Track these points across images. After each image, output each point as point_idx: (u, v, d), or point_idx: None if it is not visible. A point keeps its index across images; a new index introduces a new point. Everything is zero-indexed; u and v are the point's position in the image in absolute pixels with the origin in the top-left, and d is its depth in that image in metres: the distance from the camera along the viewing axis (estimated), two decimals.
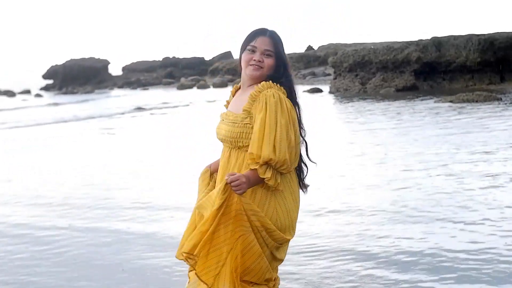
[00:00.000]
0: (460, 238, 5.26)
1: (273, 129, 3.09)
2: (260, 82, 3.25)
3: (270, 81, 3.22)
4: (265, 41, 3.23)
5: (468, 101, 18.18)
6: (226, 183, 3.00)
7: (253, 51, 3.23)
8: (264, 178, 3.09)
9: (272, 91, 3.16)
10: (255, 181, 3.10)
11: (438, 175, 7.91)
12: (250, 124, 3.17)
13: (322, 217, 6.26)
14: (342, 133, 13.08)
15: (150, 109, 26.33)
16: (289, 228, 3.25)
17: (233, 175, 3.01)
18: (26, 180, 9.88)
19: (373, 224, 5.88)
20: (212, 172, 3.58)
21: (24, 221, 7.12)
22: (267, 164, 3.09)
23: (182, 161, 10.71)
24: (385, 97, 22.48)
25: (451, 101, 18.41)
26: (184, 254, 3.00)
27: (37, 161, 12.10)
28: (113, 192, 8.39)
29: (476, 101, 18.00)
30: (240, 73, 3.42)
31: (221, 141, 3.34)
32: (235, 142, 3.21)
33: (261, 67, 3.22)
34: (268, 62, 3.22)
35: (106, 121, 21.51)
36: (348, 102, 21.32)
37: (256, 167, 3.08)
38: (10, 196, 8.65)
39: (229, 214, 3.05)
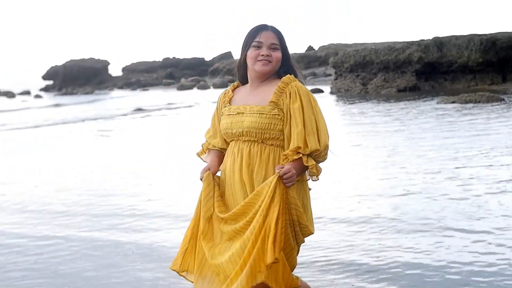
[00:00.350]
0: (469, 249, 5.03)
1: (312, 119, 3.13)
2: (269, 77, 3.25)
3: (292, 75, 3.24)
4: (270, 35, 3.21)
5: (470, 101, 18.01)
6: (279, 177, 3.02)
7: (259, 47, 3.20)
8: (308, 166, 3.13)
9: (299, 83, 3.21)
10: (299, 172, 3.14)
11: (444, 180, 7.70)
12: (278, 115, 3.15)
13: (321, 225, 6.05)
14: (344, 135, 12.86)
15: (155, 110, 26.18)
16: (311, 221, 3.30)
17: (282, 167, 3.04)
18: (21, 183, 9.67)
19: (375, 234, 5.65)
20: (213, 174, 3.43)
21: (11, 229, 6.89)
22: (309, 154, 3.14)
23: (182, 162, 10.51)
24: (387, 98, 22.31)
25: (453, 102, 18.23)
26: (269, 261, 2.98)
27: (34, 163, 11.90)
28: (109, 198, 8.17)
29: (479, 102, 17.84)
30: (241, 73, 3.35)
31: (237, 136, 3.23)
32: (261, 134, 3.15)
33: (270, 61, 3.19)
34: (276, 55, 3.20)
35: (108, 123, 21.33)
36: (350, 103, 21.13)
37: (299, 156, 3.10)
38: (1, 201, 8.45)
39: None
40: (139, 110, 26.70)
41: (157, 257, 5.45)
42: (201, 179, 3.33)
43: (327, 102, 21.76)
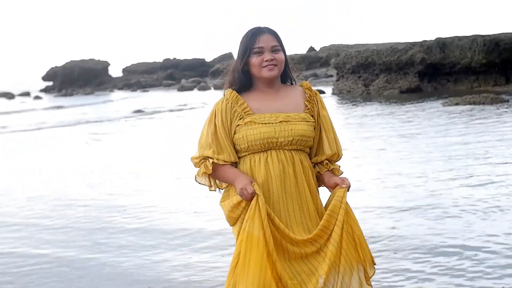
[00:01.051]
0: (480, 272, 4.62)
1: (333, 126, 3.21)
2: (277, 81, 3.17)
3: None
4: (268, 38, 3.12)
5: (474, 103, 17.77)
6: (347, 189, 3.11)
7: (261, 52, 3.09)
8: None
9: None
10: None
11: (452, 189, 7.33)
12: (314, 122, 3.16)
13: None
14: (347, 140, 12.55)
15: (156, 112, 25.91)
16: None
17: (344, 180, 3.14)
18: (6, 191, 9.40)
19: (376, 253, 5.38)
20: None
21: None
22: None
23: (181, 169, 10.25)
24: (390, 99, 22.06)
25: (457, 103, 17.98)
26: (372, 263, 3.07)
27: (26, 167, 11.64)
28: (100, 209, 7.81)
29: (483, 103, 17.60)
30: (243, 81, 3.16)
31: (282, 145, 3.05)
32: (307, 142, 3.11)
33: (275, 65, 3.10)
34: (280, 57, 3.12)
35: (109, 126, 21.09)
36: (353, 105, 20.86)
37: (337, 166, 3.22)
38: None
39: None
40: (139, 111, 26.50)
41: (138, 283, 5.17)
42: (250, 194, 2.95)
43: (329, 104, 21.48)
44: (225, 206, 3.10)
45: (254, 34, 3.12)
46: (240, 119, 3.08)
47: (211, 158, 3.11)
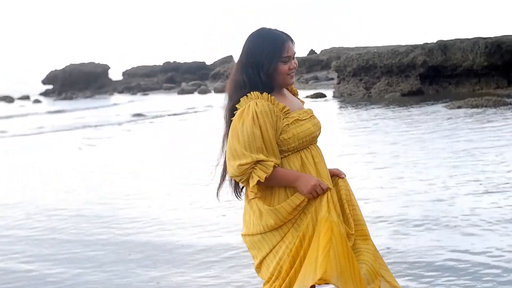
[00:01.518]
0: None
1: None
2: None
3: None
4: (291, 46, 3.22)
5: (477, 106, 17.61)
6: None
7: (288, 61, 3.20)
8: None
9: None
10: None
11: (457, 201, 7.08)
12: None
13: None
14: (350, 144, 12.39)
15: (159, 116, 25.76)
16: None
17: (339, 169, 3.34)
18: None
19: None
20: None
21: None
22: None
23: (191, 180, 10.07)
24: (391, 102, 21.88)
25: (459, 107, 17.81)
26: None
27: (16, 174, 11.48)
28: (89, 220, 7.57)
29: (486, 106, 17.46)
30: (270, 83, 3.16)
31: (315, 139, 3.24)
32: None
33: (294, 71, 3.26)
34: (296, 63, 3.27)
35: (112, 130, 20.94)
36: (355, 108, 20.69)
37: None
38: None
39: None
40: (140, 115, 26.37)
41: None
42: (325, 189, 3.05)
43: (330, 107, 21.33)
44: (282, 209, 3.04)
45: (282, 42, 3.17)
46: (283, 119, 3.12)
47: (265, 161, 3.02)
